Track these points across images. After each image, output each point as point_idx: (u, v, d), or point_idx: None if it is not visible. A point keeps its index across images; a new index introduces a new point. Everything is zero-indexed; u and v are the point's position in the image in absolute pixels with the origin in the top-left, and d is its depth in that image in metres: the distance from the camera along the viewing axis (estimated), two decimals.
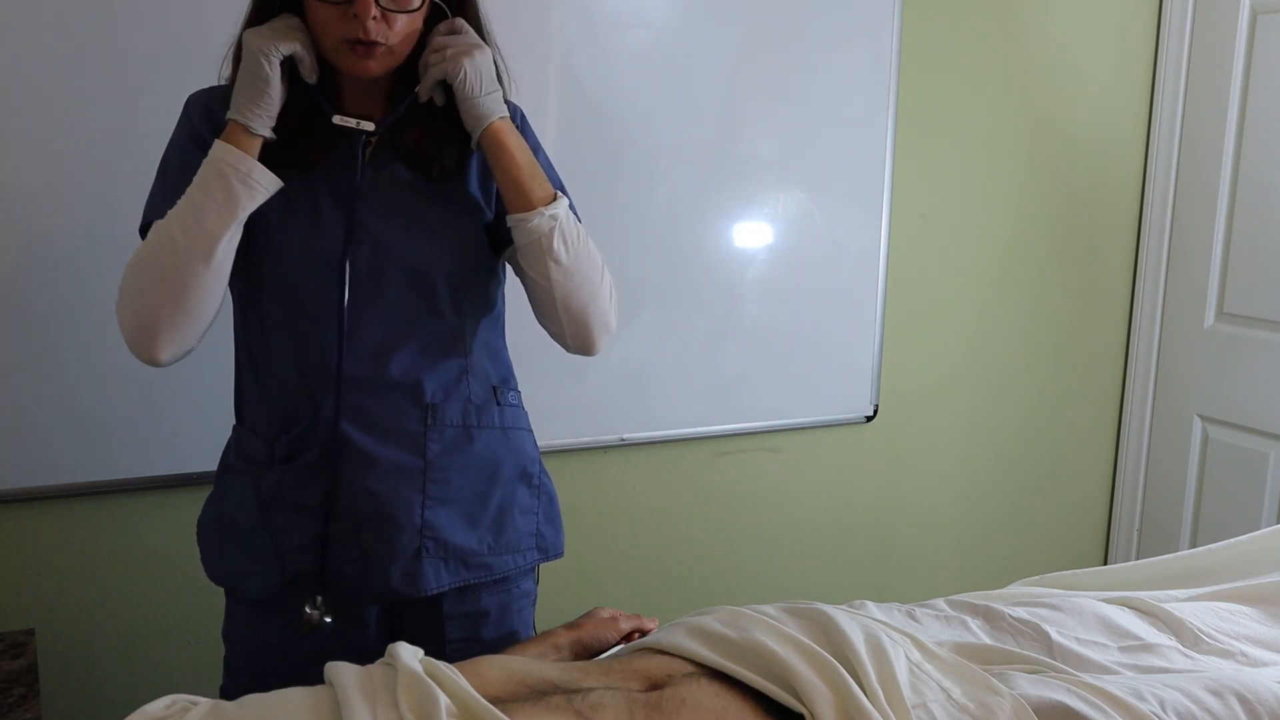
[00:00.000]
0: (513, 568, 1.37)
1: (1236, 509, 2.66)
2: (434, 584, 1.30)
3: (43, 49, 1.64)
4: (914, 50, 2.37)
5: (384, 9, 1.15)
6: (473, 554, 1.32)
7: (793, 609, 1.21)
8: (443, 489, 1.30)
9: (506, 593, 1.38)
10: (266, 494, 1.28)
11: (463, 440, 1.31)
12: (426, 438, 1.28)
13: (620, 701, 1.00)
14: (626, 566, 2.28)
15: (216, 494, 1.36)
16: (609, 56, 2.03)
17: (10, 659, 1.43)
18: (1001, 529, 2.76)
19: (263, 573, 1.29)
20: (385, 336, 1.26)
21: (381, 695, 0.98)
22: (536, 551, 1.40)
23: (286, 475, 1.28)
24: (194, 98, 1.28)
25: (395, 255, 1.25)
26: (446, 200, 1.29)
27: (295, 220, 1.24)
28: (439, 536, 1.29)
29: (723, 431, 2.31)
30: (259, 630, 1.33)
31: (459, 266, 1.29)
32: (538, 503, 1.40)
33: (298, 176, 1.23)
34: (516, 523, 1.37)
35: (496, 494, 1.34)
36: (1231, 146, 2.60)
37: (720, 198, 2.21)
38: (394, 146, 1.26)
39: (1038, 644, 1.29)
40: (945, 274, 2.55)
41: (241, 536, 1.31)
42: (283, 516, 1.28)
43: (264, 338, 1.28)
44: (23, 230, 1.67)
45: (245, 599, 1.34)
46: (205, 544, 1.37)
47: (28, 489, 1.74)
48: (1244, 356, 2.62)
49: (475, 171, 1.31)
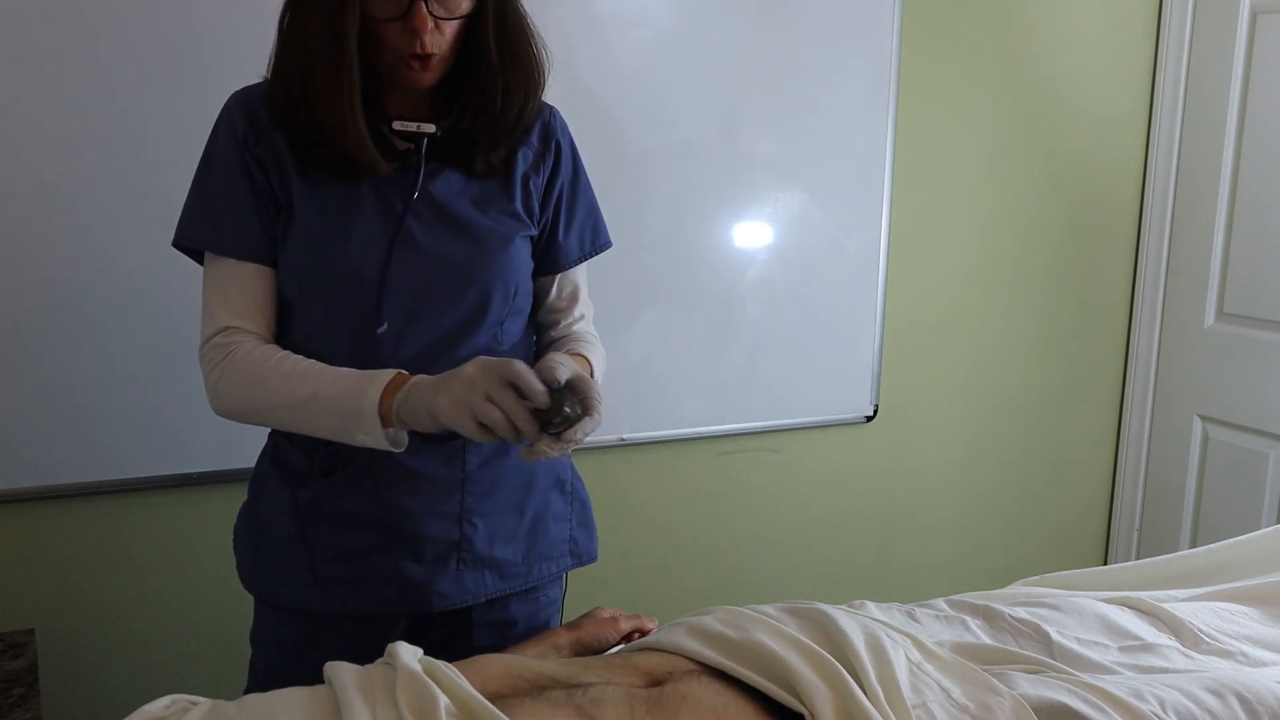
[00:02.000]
0: (546, 575, 1.36)
1: (1236, 509, 2.66)
2: (469, 597, 1.29)
3: (40, 47, 1.64)
4: (914, 50, 2.37)
5: (437, 19, 1.14)
6: (508, 564, 1.32)
7: (793, 609, 1.21)
8: (481, 501, 1.29)
9: (534, 601, 1.37)
10: (303, 506, 1.27)
11: (500, 451, 1.30)
12: (466, 450, 1.27)
13: (621, 697, 1.00)
14: (626, 566, 2.28)
15: (251, 501, 1.34)
16: (609, 56, 2.03)
17: (10, 659, 1.43)
18: (1001, 529, 2.76)
19: (295, 582, 1.28)
20: (429, 349, 1.24)
21: (381, 695, 0.98)
22: (570, 558, 1.40)
23: (324, 488, 1.26)
24: (234, 100, 1.24)
25: (443, 266, 1.23)
26: (494, 212, 1.27)
27: (342, 230, 1.21)
28: (475, 549, 1.29)
29: (723, 431, 2.31)
30: (282, 632, 1.32)
31: (505, 278, 1.27)
32: (570, 509, 1.40)
33: (345, 185, 1.21)
34: (550, 531, 1.36)
35: (532, 503, 1.34)
36: (1231, 146, 2.60)
37: (720, 198, 2.21)
38: (442, 148, 1.24)
39: (1038, 644, 1.29)
40: (945, 274, 2.55)
41: (275, 545, 1.29)
42: (318, 528, 1.26)
43: (306, 348, 1.24)
44: (23, 230, 1.67)
45: (272, 603, 1.33)
46: (241, 551, 1.35)
47: (28, 489, 1.74)
48: (1244, 356, 2.62)
49: (519, 184, 1.29)
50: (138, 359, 1.74)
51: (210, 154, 1.23)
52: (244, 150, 1.20)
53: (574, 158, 1.36)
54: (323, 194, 1.21)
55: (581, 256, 1.38)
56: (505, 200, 1.28)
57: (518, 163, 1.29)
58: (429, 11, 1.12)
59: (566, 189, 1.34)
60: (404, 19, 1.13)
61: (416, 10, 1.12)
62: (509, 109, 1.23)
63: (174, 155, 1.68)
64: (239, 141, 1.20)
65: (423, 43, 1.13)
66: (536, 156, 1.31)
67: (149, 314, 1.74)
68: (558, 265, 1.36)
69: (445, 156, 1.25)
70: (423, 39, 1.13)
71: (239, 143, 1.20)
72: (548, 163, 1.32)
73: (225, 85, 1.25)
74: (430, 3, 1.12)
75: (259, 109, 1.21)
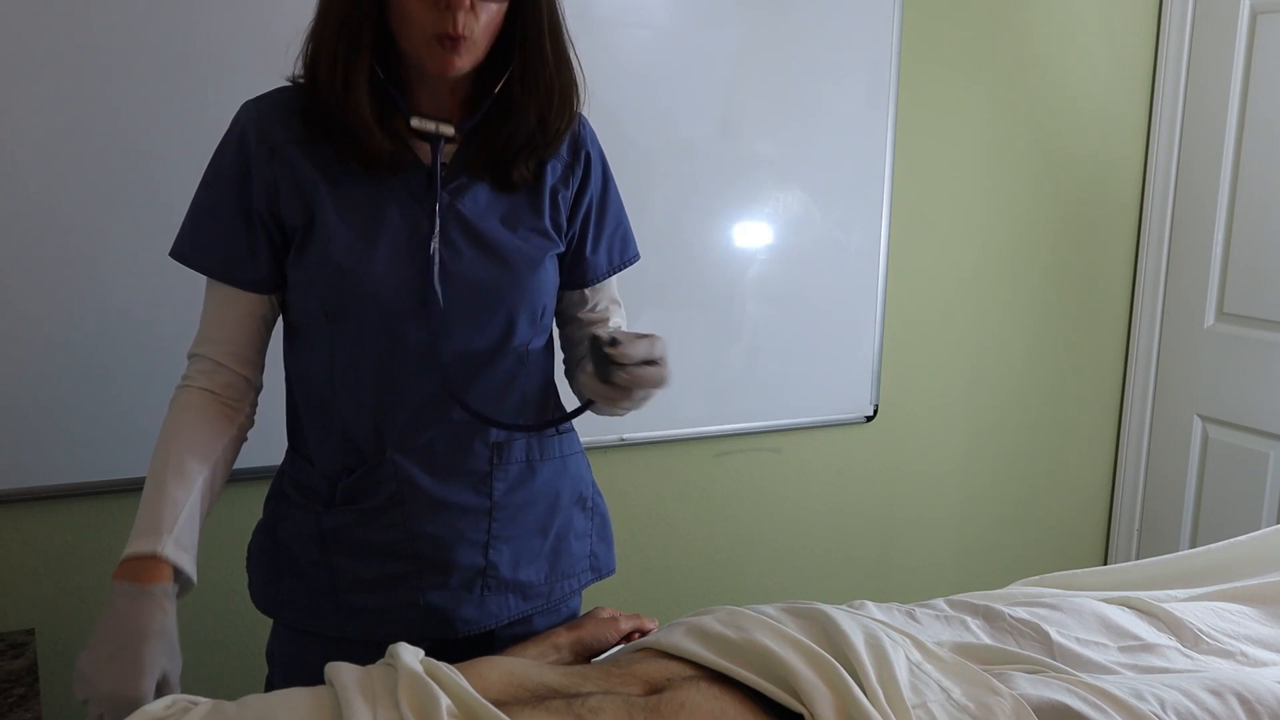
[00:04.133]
0: (568, 592, 1.35)
1: (1236, 509, 2.66)
2: (492, 620, 1.28)
3: (35, 51, 1.64)
4: (914, 50, 2.37)
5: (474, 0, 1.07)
6: (531, 586, 1.30)
7: (793, 609, 1.21)
8: (507, 528, 1.27)
9: (555, 613, 1.36)
10: (327, 533, 1.24)
11: (526, 476, 1.28)
12: (493, 477, 1.25)
13: (619, 706, 1.00)
14: (626, 566, 2.28)
15: (269, 521, 1.31)
16: (609, 56, 2.03)
17: (10, 659, 1.43)
18: (1001, 529, 2.76)
19: (317, 608, 1.26)
20: (456, 376, 1.21)
21: (382, 695, 0.98)
22: (590, 573, 1.38)
23: (348, 516, 1.23)
24: (246, 113, 1.18)
25: (469, 289, 1.19)
26: (523, 230, 1.23)
27: (368, 249, 1.16)
28: (500, 574, 1.27)
29: (723, 431, 2.31)
30: (304, 655, 1.29)
31: (533, 300, 1.23)
32: (591, 524, 1.38)
33: (364, 195, 1.16)
34: (572, 549, 1.35)
35: (555, 524, 1.32)
36: (1231, 146, 2.60)
37: (720, 198, 2.21)
38: (470, 159, 1.20)
39: (1038, 644, 1.29)
40: (945, 274, 2.55)
41: (297, 570, 1.27)
42: (342, 557, 1.24)
43: (329, 373, 1.21)
44: (22, 229, 1.67)
45: (292, 626, 1.31)
46: (256, 570, 1.32)
47: (28, 489, 1.73)
48: (1244, 356, 2.62)
49: (547, 197, 1.25)
50: (137, 359, 1.74)
51: (213, 171, 1.20)
52: (251, 171, 1.16)
53: (604, 169, 1.31)
54: (349, 210, 1.16)
55: (610, 270, 1.35)
56: (533, 216, 1.23)
57: (546, 175, 1.24)
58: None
59: (596, 201, 1.30)
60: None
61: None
62: (562, 116, 1.18)
63: (174, 156, 1.69)
64: (247, 160, 1.16)
65: (455, 21, 1.06)
66: (565, 168, 1.26)
67: (148, 314, 1.74)
68: (585, 280, 1.32)
69: (475, 168, 1.20)
70: (455, 17, 1.06)
71: (247, 162, 1.16)
72: (576, 174, 1.27)
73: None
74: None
75: (274, 122, 1.16)
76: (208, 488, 1.16)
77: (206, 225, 1.19)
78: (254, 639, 1.41)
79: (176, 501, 1.12)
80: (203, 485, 1.15)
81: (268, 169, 1.16)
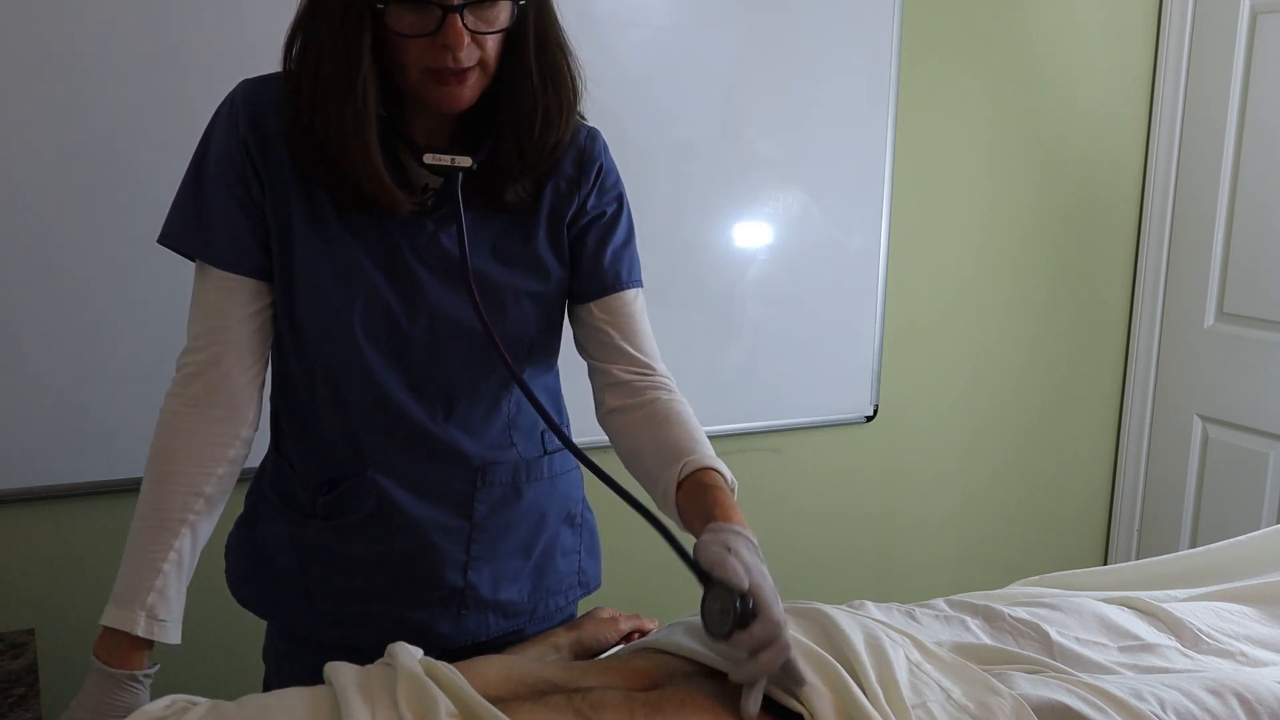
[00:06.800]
0: (555, 610, 1.33)
1: (1236, 509, 2.66)
2: (469, 637, 1.26)
3: (43, 48, 1.64)
4: (914, 50, 2.37)
5: (474, 33, 1.02)
6: (512, 605, 1.28)
7: (792, 608, 1.21)
8: (487, 548, 1.25)
9: (548, 622, 1.34)
10: (306, 545, 1.23)
11: (510, 497, 1.25)
12: (475, 499, 1.23)
13: (620, 701, 1.00)
14: (626, 567, 2.27)
15: (248, 517, 1.30)
16: (609, 56, 2.03)
17: (10, 659, 1.43)
18: (1001, 529, 2.76)
19: (294, 609, 1.26)
20: (440, 404, 1.19)
21: (381, 695, 0.98)
22: (578, 588, 1.36)
23: (330, 531, 1.22)
24: (241, 93, 1.12)
25: (449, 325, 1.16)
26: (511, 259, 1.18)
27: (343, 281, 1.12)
28: (480, 594, 1.25)
29: (723, 431, 2.31)
30: (298, 653, 1.29)
31: (519, 336, 1.20)
32: (579, 540, 1.36)
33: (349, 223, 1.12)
34: (558, 566, 1.32)
35: (540, 542, 1.29)
36: (1231, 146, 2.60)
37: (720, 198, 2.21)
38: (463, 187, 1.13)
39: (1038, 644, 1.29)
40: (945, 274, 2.55)
41: (275, 573, 1.26)
42: (320, 568, 1.23)
43: (311, 389, 1.19)
44: (22, 229, 1.67)
45: (273, 625, 1.31)
46: (234, 563, 1.31)
47: (28, 489, 1.74)
48: (1244, 356, 2.62)
49: (544, 219, 1.20)
50: (137, 358, 1.74)
51: (204, 150, 1.13)
52: (242, 154, 1.10)
53: (617, 185, 1.26)
54: (323, 232, 1.11)
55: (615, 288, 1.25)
56: (524, 243, 1.19)
57: (546, 194, 1.19)
58: (464, 25, 1.01)
59: (607, 217, 1.25)
60: (434, 34, 1.01)
61: (450, 24, 1.00)
62: (546, 137, 1.12)
63: (161, 148, 1.69)
64: (239, 142, 1.10)
65: (456, 58, 1.02)
66: (570, 184, 1.20)
67: (147, 313, 1.74)
68: (586, 296, 1.25)
69: (465, 194, 1.13)
70: (456, 55, 1.02)
71: (239, 144, 1.10)
72: (583, 189, 1.21)
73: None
74: (465, 15, 1.01)
75: (267, 113, 1.10)
76: (191, 536, 1.11)
77: (205, 209, 1.11)
78: (253, 639, 1.41)
79: (155, 562, 1.09)
80: (188, 535, 1.11)
81: (257, 158, 1.11)
